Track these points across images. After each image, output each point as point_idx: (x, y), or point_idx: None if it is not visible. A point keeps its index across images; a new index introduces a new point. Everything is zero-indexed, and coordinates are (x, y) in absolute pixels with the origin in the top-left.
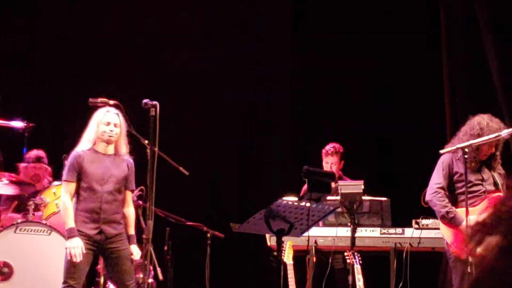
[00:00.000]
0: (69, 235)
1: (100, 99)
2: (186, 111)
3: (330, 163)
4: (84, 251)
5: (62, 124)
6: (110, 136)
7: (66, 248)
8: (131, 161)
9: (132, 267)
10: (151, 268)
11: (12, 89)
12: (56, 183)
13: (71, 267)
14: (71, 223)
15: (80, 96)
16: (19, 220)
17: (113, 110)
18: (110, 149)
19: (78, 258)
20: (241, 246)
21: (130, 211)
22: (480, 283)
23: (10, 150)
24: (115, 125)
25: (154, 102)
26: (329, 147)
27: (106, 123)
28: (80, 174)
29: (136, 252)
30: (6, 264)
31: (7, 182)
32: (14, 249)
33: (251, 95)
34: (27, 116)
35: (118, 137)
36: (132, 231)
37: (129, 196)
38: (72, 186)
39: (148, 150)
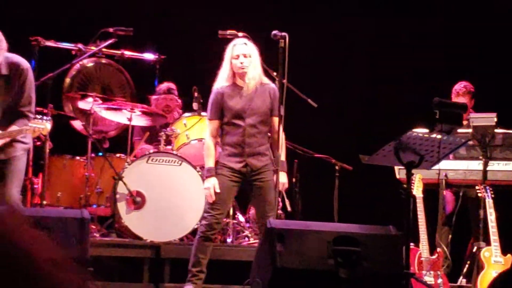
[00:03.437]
0: (206, 175)
1: (229, 31)
2: (315, 41)
3: None
4: (218, 190)
5: (193, 56)
6: (242, 69)
7: (203, 188)
8: (273, 87)
9: (274, 198)
10: (280, 200)
11: (143, 21)
12: (186, 114)
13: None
14: (209, 163)
15: (210, 28)
16: (151, 151)
17: (240, 41)
18: (249, 81)
19: (210, 199)
20: (369, 178)
21: (276, 138)
22: None
23: (142, 82)
24: (244, 56)
25: (283, 34)
26: (459, 86)
27: (235, 57)
28: (222, 111)
29: (282, 179)
30: (138, 194)
31: (139, 113)
32: (146, 179)
33: (379, 25)
34: (159, 49)
35: (251, 65)
36: (282, 157)
37: (274, 123)
38: (215, 124)
39: (277, 83)
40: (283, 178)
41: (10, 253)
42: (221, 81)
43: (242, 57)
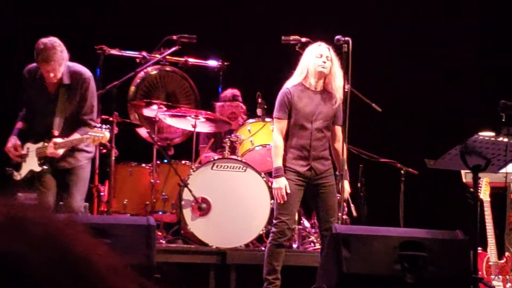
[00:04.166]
0: (275, 174)
1: (292, 37)
2: (378, 46)
3: None
4: (288, 191)
5: (256, 62)
6: (323, 68)
7: (273, 188)
8: (341, 96)
9: (336, 203)
10: (345, 204)
11: (206, 28)
12: (250, 120)
13: (281, 204)
14: (279, 162)
15: (272, 34)
16: (216, 157)
17: (324, 44)
18: (320, 85)
19: (281, 199)
20: (435, 183)
21: (340, 146)
22: None
23: (206, 89)
24: (327, 58)
25: (347, 38)
26: None
27: (319, 55)
28: (290, 111)
29: (346, 187)
30: (204, 200)
31: (204, 120)
32: (211, 185)
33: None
34: (222, 55)
35: (329, 72)
36: (344, 166)
37: (339, 131)
38: (284, 123)
39: None
40: (347, 186)
41: (70, 262)
42: (295, 79)
43: (325, 58)
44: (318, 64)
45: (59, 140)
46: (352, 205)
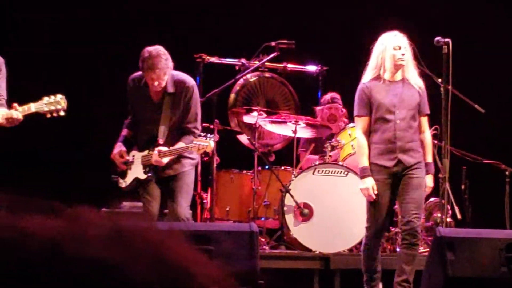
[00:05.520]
0: (361, 174)
1: None
2: (478, 47)
3: None
4: (376, 191)
5: (355, 66)
6: (402, 60)
7: (360, 189)
8: (422, 84)
9: (422, 198)
10: (449, 207)
11: (304, 34)
12: (351, 125)
13: (371, 207)
14: (364, 162)
15: (371, 35)
16: (317, 162)
17: (399, 34)
18: (398, 75)
19: (371, 198)
20: None
21: (426, 136)
22: None
23: (305, 94)
24: (405, 49)
25: (447, 39)
26: None
27: (397, 47)
28: (370, 106)
29: (429, 182)
30: (306, 205)
31: (304, 125)
32: (313, 190)
33: None
34: (321, 60)
35: (410, 62)
36: (429, 158)
37: (424, 121)
38: (365, 120)
39: (441, 89)
40: (430, 181)
41: (169, 272)
42: (369, 73)
43: (403, 49)
44: (398, 57)
45: (164, 148)
46: (456, 207)
